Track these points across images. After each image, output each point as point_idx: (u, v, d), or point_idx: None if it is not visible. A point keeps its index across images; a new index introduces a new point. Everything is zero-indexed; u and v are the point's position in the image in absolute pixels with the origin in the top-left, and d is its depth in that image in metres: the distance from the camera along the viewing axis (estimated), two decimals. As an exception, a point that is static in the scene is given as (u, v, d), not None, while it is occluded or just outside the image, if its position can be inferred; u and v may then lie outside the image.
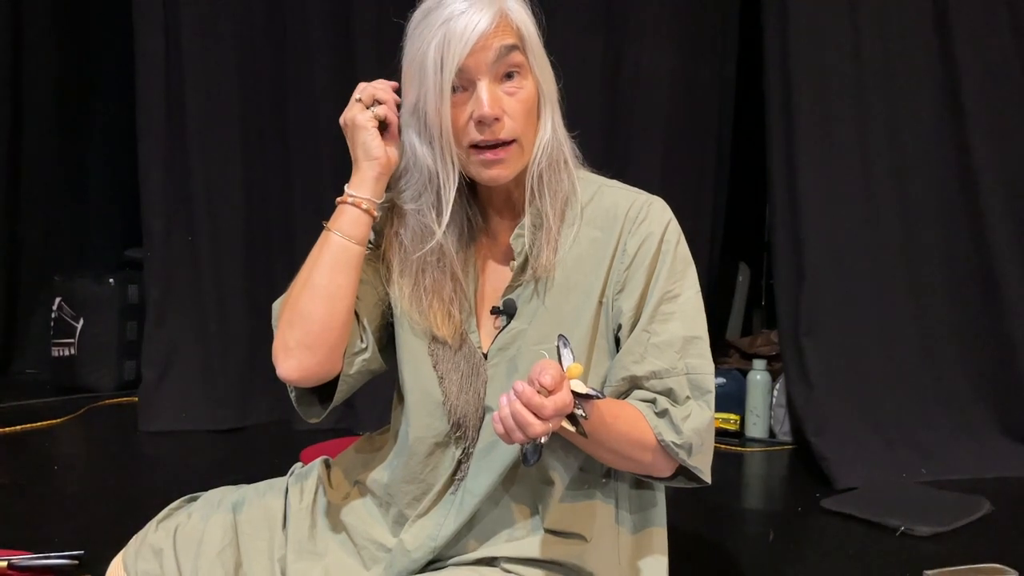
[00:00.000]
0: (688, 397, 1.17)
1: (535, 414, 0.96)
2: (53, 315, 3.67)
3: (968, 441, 2.67)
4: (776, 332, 3.06)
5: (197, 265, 3.18)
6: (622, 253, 1.21)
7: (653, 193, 1.27)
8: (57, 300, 3.67)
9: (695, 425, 1.16)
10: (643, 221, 1.21)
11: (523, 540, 1.21)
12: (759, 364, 3.07)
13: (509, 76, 1.15)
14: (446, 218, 1.17)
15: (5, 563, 1.75)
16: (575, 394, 1.01)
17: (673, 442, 1.15)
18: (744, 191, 3.60)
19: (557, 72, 1.23)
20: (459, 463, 1.23)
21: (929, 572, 1.81)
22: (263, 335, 3.44)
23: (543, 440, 0.99)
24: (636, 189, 1.27)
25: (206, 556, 1.22)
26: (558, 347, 1.05)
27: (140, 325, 3.42)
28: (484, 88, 1.12)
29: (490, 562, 1.21)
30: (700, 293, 1.24)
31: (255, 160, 3.22)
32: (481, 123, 1.13)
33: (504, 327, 1.22)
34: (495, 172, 1.16)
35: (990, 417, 2.72)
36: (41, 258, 4.02)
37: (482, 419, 1.21)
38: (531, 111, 1.17)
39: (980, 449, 2.65)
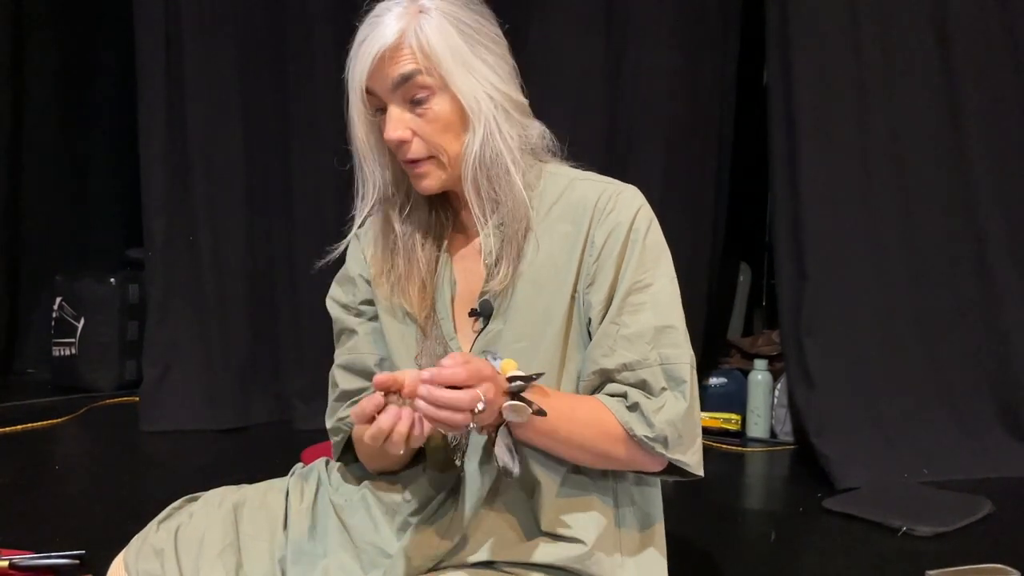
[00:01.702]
0: (664, 388, 1.16)
1: (452, 408, 0.97)
2: (54, 315, 3.67)
3: (969, 441, 2.67)
4: (777, 332, 3.06)
5: (198, 265, 3.18)
6: (591, 245, 1.20)
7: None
8: (58, 300, 3.67)
9: (669, 417, 1.14)
10: (611, 212, 1.20)
11: (521, 544, 1.21)
12: (760, 364, 3.07)
13: (416, 98, 1.16)
14: (357, 222, 1.25)
15: (7, 563, 1.75)
16: (512, 378, 1.04)
17: (645, 436, 1.14)
18: (745, 191, 3.59)
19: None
20: (459, 472, 1.23)
21: (931, 572, 1.81)
22: (264, 335, 3.46)
23: (500, 441, 1.01)
24: (608, 179, 1.26)
25: (207, 557, 1.22)
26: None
27: (141, 325, 3.43)
28: (391, 112, 1.16)
29: (489, 564, 1.21)
30: (675, 281, 1.22)
31: (256, 160, 3.22)
32: (389, 144, 1.18)
33: (482, 329, 1.22)
34: (421, 184, 1.20)
35: (991, 417, 2.72)
36: (42, 258, 4.02)
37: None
38: (447, 128, 1.17)
39: (982, 449, 2.65)
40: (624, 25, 3.02)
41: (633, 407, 1.15)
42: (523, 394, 1.06)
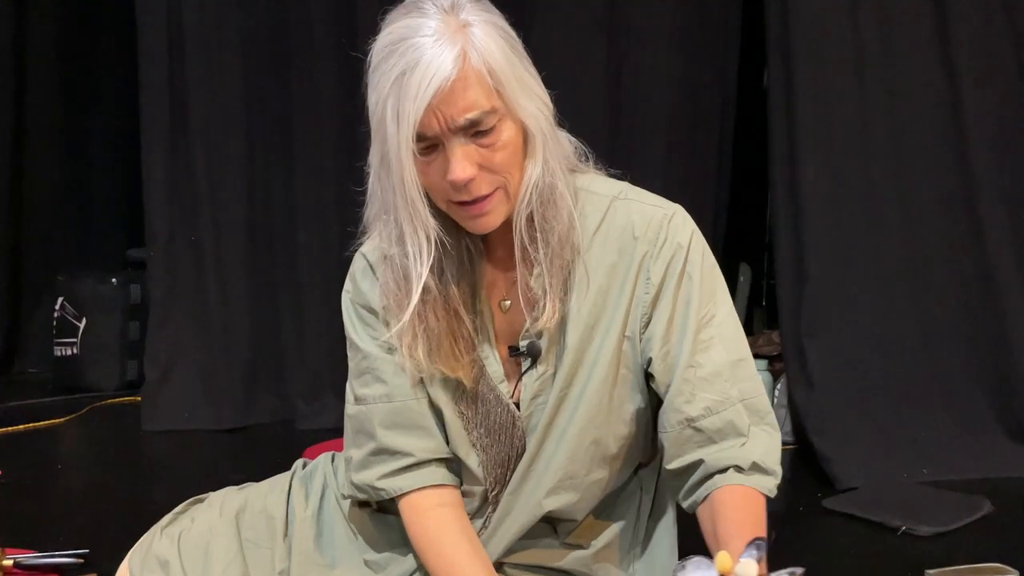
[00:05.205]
0: (750, 425, 1.11)
1: None
2: (56, 315, 3.67)
3: (969, 441, 2.67)
4: (777, 332, 3.06)
5: (200, 265, 3.19)
6: (645, 282, 1.11)
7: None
8: (60, 300, 3.67)
9: (777, 456, 1.12)
10: (664, 243, 1.11)
11: (534, 550, 1.22)
12: (760, 364, 3.06)
13: (483, 128, 1.01)
14: (416, 295, 1.06)
15: (11, 562, 1.76)
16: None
17: (777, 486, 1.12)
18: (745, 191, 3.60)
19: (549, 83, 1.11)
20: (491, 506, 1.22)
21: (931, 572, 1.81)
22: (266, 335, 3.46)
23: None
24: (652, 197, 1.17)
25: (214, 572, 1.21)
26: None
27: (143, 325, 3.43)
28: (453, 149, 1.00)
29: (497, 568, 1.21)
30: (733, 308, 1.16)
31: (258, 160, 3.23)
32: (455, 185, 1.02)
33: (528, 369, 1.14)
34: (481, 223, 1.06)
35: (991, 417, 2.72)
36: (44, 257, 4.03)
37: (515, 466, 1.18)
38: (514, 153, 1.04)
39: (981, 449, 2.65)
40: (625, 28, 3.02)
41: (752, 469, 1.09)
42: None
